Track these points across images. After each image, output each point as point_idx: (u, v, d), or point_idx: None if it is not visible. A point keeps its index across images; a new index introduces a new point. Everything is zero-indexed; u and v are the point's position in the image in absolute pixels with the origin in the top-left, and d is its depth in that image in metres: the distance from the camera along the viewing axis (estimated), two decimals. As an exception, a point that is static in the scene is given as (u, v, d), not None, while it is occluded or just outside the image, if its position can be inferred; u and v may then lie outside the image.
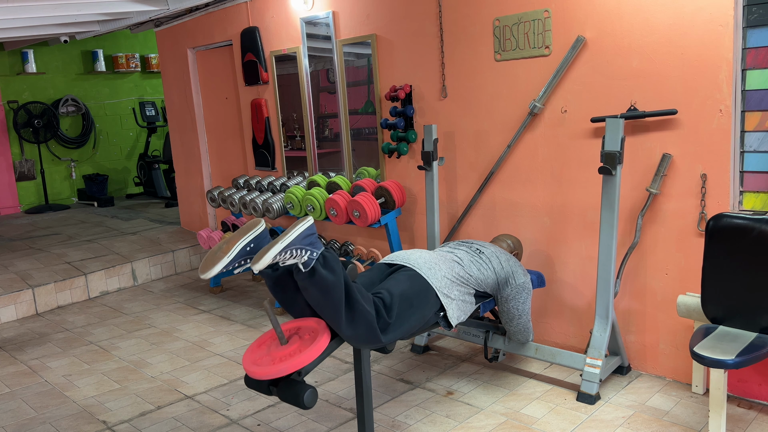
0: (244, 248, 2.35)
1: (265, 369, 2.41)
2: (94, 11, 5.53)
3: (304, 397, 2.37)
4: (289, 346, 2.48)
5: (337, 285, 2.39)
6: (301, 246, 2.32)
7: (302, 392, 2.38)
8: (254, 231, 2.39)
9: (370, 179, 4.62)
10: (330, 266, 2.39)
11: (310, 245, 2.35)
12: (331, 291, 2.39)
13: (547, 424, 3.08)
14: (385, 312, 2.60)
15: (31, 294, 5.33)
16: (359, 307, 2.46)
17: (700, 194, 3.17)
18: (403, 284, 2.76)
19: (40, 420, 3.46)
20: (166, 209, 8.23)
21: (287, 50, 5.21)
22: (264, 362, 2.45)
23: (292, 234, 2.31)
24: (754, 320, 2.74)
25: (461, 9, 3.95)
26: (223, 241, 2.38)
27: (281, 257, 2.28)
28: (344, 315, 2.44)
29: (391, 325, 2.61)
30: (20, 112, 8.46)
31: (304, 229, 2.34)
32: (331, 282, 2.38)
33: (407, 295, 2.72)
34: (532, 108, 3.68)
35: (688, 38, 3.09)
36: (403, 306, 2.67)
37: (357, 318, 2.47)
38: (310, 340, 2.48)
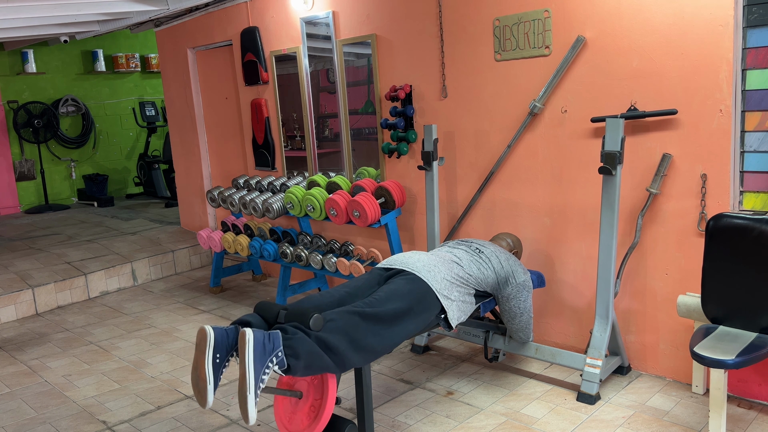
0: (214, 363, 2.31)
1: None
2: (94, 11, 5.53)
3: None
4: (307, 397, 2.58)
5: (315, 357, 2.37)
6: (264, 364, 2.27)
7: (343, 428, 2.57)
8: (208, 344, 2.32)
9: (370, 179, 4.62)
10: (299, 352, 2.33)
11: (270, 352, 2.29)
12: (313, 364, 2.38)
13: (547, 424, 3.08)
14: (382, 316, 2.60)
15: (31, 294, 5.33)
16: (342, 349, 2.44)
17: (700, 194, 3.17)
18: (402, 289, 2.75)
19: (40, 420, 3.46)
20: (166, 209, 8.23)
21: (287, 50, 5.21)
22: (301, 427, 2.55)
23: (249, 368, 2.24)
24: (755, 320, 2.74)
25: (461, 9, 3.95)
26: (194, 371, 2.33)
27: (259, 391, 2.25)
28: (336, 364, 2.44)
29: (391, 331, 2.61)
30: (20, 112, 8.46)
31: (252, 350, 2.25)
32: (309, 360, 2.36)
33: (407, 300, 2.71)
34: (532, 108, 3.68)
35: (688, 38, 3.09)
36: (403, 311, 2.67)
37: (344, 359, 2.46)
38: (319, 384, 2.56)
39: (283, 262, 4.92)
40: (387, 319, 2.61)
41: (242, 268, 5.84)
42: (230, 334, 2.38)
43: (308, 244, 4.84)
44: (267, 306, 2.57)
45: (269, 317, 2.54)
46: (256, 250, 5.07)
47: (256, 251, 5.08)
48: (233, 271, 5.75)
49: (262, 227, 5.18)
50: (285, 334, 2.36)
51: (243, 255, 5.25)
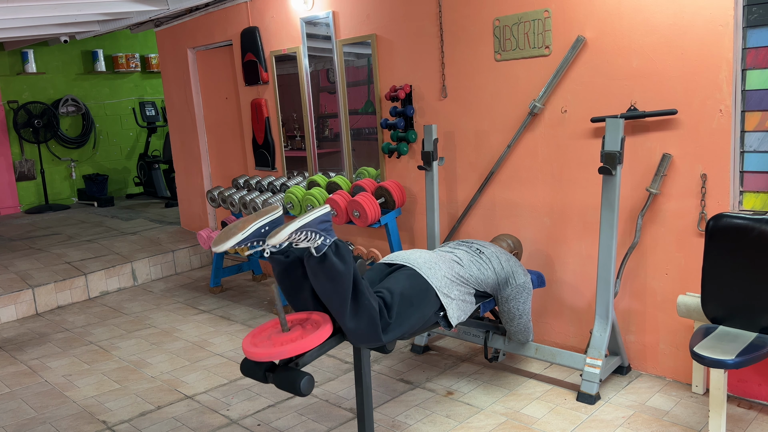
0: (258, 229, 2.39)
1: (263, 350, 2.41)
2: (94, 11, 5.53)
3: (301, 384, 2.37)
4: (290, 334, 2.50)
5: (345, 274, 2.42)
6: (316, 230, 2.35)
7: (299, 378, 2.38)
8: (271, 215, 2.44)
9: (370, 179, 4.62)
10: (341, 255, 2.41)
11: (325, 231, 2.38)
12: (339, 280, 2.41)
13: (547, 424, 3.08)
14: (386, 311, 2.61)
15: (31, 294, 5.33)
16: (365, 301, 2.48)
17: (700, 194, 3.17)
18: (403, 283, 2.76)
19: (40, 420, 3.46)
20: (166, 209, 8.23)
21: (287, 50, 5.21)
22: (263, 345, 2.46)
23: (309, 216, 2.34)
24: (754, 320, 2.74)
25: (461, 9, 3.95)
26: (240, 221, 2.41)
27: (296, 237, 2.31)
28: (349, 306, 2.46)
29: (391, 325, 2.61)
30: (20, 112, 8.46)
31: (320, 214, 2.38)
32: (340, 270, 2.40)
33: (407, 294, 2.72)
34: (532, 108, 3.68)
35: (688, 38, 3.09)
36: (403, 305, 2.67)
37: (361, 311, 2.48)
38: (311, 330, 2.50)
39: (283, 262, 4.92)
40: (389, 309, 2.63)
41: (242, 268, 5.84)
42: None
43: (308, 244, 4.84)
44: None
45: None
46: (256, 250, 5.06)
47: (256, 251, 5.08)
48: (233, 271, 5.75)
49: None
50: (339, 240, 2.45)
51: (243, 255, 5.25)
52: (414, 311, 2.73)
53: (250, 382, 3.75)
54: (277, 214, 2.45)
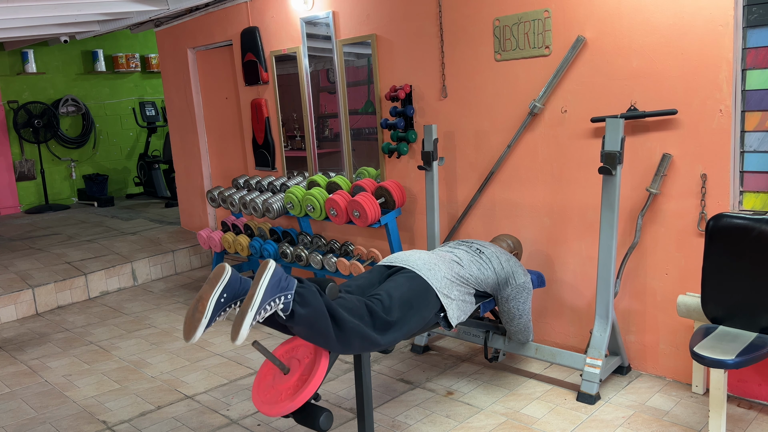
0: (218, 302, 2.28)
1: (279, 408, 2.46)
2: (94, 11, 5.53)
3: (320, 422, 2.44)
4: (292, 375, 2.53)
5: (319, 316, 2.37)
6: (272, 296, 2.27)
7: (318, 417, 2.46)
8: (222, 280, 2.30)
9: (370, 179, 4.62)
10: (307, 303, 2.34)
11: (282, 290, 2.29)
12: (315, 324, 2.37)
13: (547, 424, 3.08)
14: (383, 312, 2.60)
15: (31, 294, 5.33)
16: (348, 325, 2.45)
17: (700, 194, 3.17)
18: (402, 286, 2.76)
19: (40, 420, 3.46)
20: (166, 209, 8.23)
21: (287, 50, 5.21)
22: (275, 400, 2.49)
23: (259, 291, 2.24)
24: (755, 320, 2.74)
25: (461, 9, 3.95)
26: (196, 301, 2.30)
27: (259, 317, 2.24)
28: (335, 338, 2.43)
29: (392, 327, 2.61)
30: (20, 112, 8.46)
31: (269, 279, 2.27)
32: (312, 317, 2.35)
33: (407, 296, 2.72)
34: (532, 108, 3.68)
35: (688, 38, 3.09)
36: (403, 308, 2.67)
37: (349, 336, 2.46)
38: (310, 364, 2.52)
39: (283, 262, 4.92)
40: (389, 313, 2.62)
41: (242, 268, 5.83)
42: (243, 283, 2.35)
43: (308, 244, 4.84)
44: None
45: None
46: (256, 250, 5.07)
47: (256, 251, 5.08)
48: (233, 271, 5.74)
49: (262, 227, 5.18)
50: (300, 284, 2.38)
51: (243, 255, 5.25)
52: (414, 314, 2.73)
53: (249, 382, 3.75)
54: (227, 277, 2.31)
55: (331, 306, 2.42)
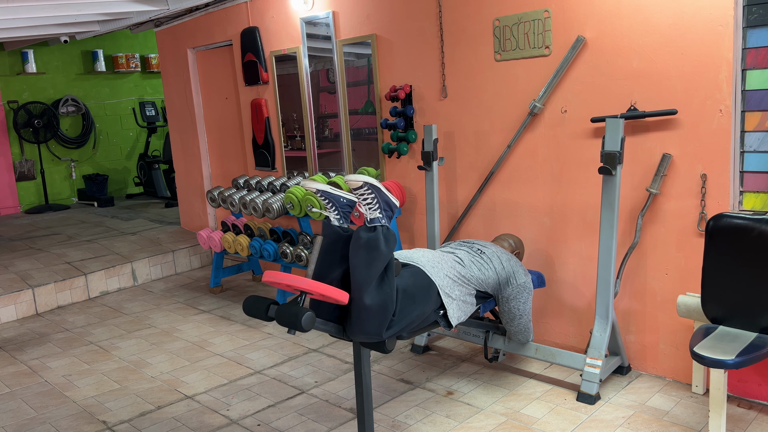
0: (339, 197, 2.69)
1: (275, 277, 2.49)
2: (94, 11, 5.53)
3: (303, 319, 2.38)
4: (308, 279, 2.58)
5: (383, 255, 2.52)
6: (380, 204, 2.59)
7: (300, 314, 2.40)
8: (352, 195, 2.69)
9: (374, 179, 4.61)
10: (388, 238, 2.55)
11: (386, 213, 2.60)
12: (375, 256, 2.51)
13: (547, 424, 3.08)
14: None
15: (31, 294, 5.33)
16: (387, 287, 2.56)
17: (700, 194, 3.17)
18: (406, 280, 2.77)
19: (40, 420, 3.46)
20: (166, 209, 8.23)
21: (287, 50, 5.21)
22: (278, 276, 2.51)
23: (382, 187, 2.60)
24: (754, 320, 2.74)
25: (461, 9, 3.95)
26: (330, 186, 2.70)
27: (365, 192, 2.56)
28: (374, 284, 2.52)
29: (393, 320, 2.61)
30: (20, 112, 8.46)
31: (392, 198, 2.63)
32: (381, 248, 2.52)
33: (410, 291, 2.73)
34: (532, 108, 3.68)
35: (688, 38, 3.09)
36: (405, 301, 2.68)
37: (381, 292, 2.54)
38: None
39: (283, 262, 4.92)
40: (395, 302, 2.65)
41: (242, 268, 5.84)
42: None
43: (308, 244, 4.84)
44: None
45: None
46: (256, 250, 5.07)
47: (256, 251, 5.08)
48: (233, 271, 5.75)
49: (262, 227, 5.18)
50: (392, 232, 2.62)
51: (243, 255, 5.25)
52: (415, 308, 2.73)
53: (250, 382, 3.75)
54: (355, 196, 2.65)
55: (392, 264, 2.58)
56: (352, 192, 2.65)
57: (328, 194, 2.69)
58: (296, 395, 3.55)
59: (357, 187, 2.59)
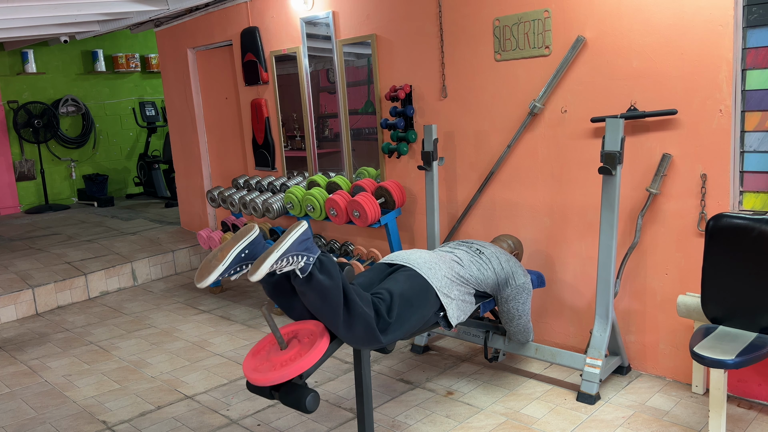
0: (238, 255, 2.34)
1: (266, 375, 2.40)
2: (94, 11, 5.53)
3: (306, 402, 2.37)
4: (288, 351, 2.48)
5: (334, 289, 2.39)
6: (297, 252, 2.32)
7: (304, 397, 2.38)
8: (248, 237, 2.37)
9: (370, 179, 4.62)
10: (327, 270, 2.39)
11: (306, 250, 2.35)
12: (328, 295, 2.39)
13: (547, 424, 3.08)
14: (386, 312, 2.61)
15: (31, 294, 5.33)
16: (357, 310, 2.46)
17: (700, 194, 3.17)
18: (403, 284, 2.76)
19: (40, 420, 3.46)
20: (166, 209, 8.23)
21: (287, 50, 5.21)
22: (264, 368, 2.44)
23: (287, 241, 2.31)
24: (754, 320, 2.74)
25: (461, 9, 3.95)
26: (217, 249, 2.36)
27: (278, 265, 2.29)
28: (342, 318, 2.44)
29: (391, 326, 2.61)
30: (20, 112, 8.46)
31: (299, 234, 2.34)
32: (328, 286, 2.38)
33: (407, 295, 2.72)
34: (532, 108, 3.68)
35: (688, 38, 3.09)
36: (403, 306, 2.67)
37: (355, 320, 2.47)
38: (309, 344, 2.48)
39: (283, 262, 4.91)
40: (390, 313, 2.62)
41: (242, 268, 5.83)
42: (266, 247, 2.41)
43: (308, 244, 4.84)
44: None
45: None
46: (256, 250, 5.06)
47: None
48: (233, 271, 5.74)
49: (262, 227, 5.18)
50: (323, 254, 2.43)
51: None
52: (414, 312, 2.73)
53: (250, 382, 3.75)
54: (254, 235, 2.38)
55: (346, 285, 2.44)
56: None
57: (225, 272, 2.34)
58: (296, 395, 3.55)
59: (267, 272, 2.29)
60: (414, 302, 2.74)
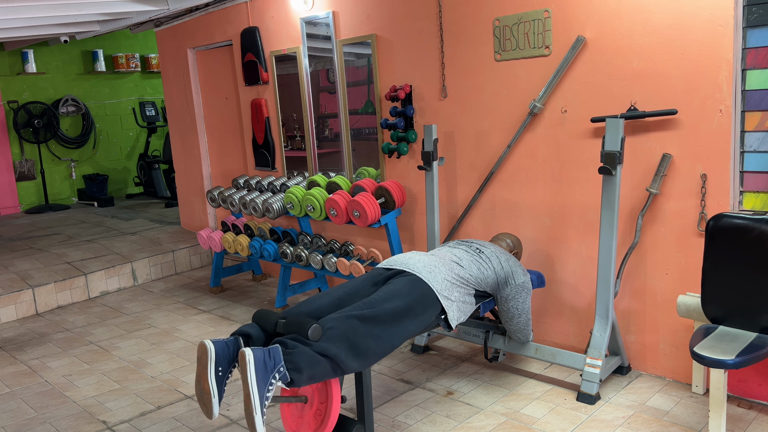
0: (217, 376, 2.36)
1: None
2: (94, 11, 5.53)
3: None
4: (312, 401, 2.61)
5: (318, 366, 2.38)
6: (266, 382, 2.29)
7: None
8: (209, 359, 2.35)
9: (370, 179, 4.62)
10: (300, 366, 2.33)
11: (271, 370, 2.30)
12: (317, 374, 2.40)
13: (547, 424, 3.08)
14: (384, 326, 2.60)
15: (31, 294, 5.33)
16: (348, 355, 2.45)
17: (700, 194, 3.17)
18: (402, 289, 2.75)
19: (40, 420, 3.46)
20: (166, 209, 8.23)
21: (287, 50, 5.21)
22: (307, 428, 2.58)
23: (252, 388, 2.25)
24: (754, 320, 2.74)
25: (461, 9, 3.95)
26: (197, 383, 2.39)
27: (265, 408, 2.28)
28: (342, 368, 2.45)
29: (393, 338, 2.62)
30: (20, 112, 8.46)
31: (253, 371, 2.26)
32: (312, 372, 2.38)
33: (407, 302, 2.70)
34: (532, 108, 3.68)
35: (688, 38, 3.09)
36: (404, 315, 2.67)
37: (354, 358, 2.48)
38: (323, 386, 2.58)
39: (283, 262, 4.92)
40: (387, 320, 2.61)
41: (242, 268, 5.84)
42: (230, 346, 2.42)
43: (308, 244, 4.84)
44: (265, 315, 2.58)
45: (268, 326, 2.55)
46: (256, 250, 5.07)
47: (256, 251, 5.08)
48: (233, 271, 5.75)
49: (262, 227, 5.18)
50: (285, 348, 2.36)
51: (243, 255, 5.25)
52: (414, 318, 2.73)
53: (250, 382, 3.75)
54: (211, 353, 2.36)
55: (322, 349, 2.39)
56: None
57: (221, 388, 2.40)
58: (296, 395, 3.55)
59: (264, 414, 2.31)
60: (415, 309, 2.73)
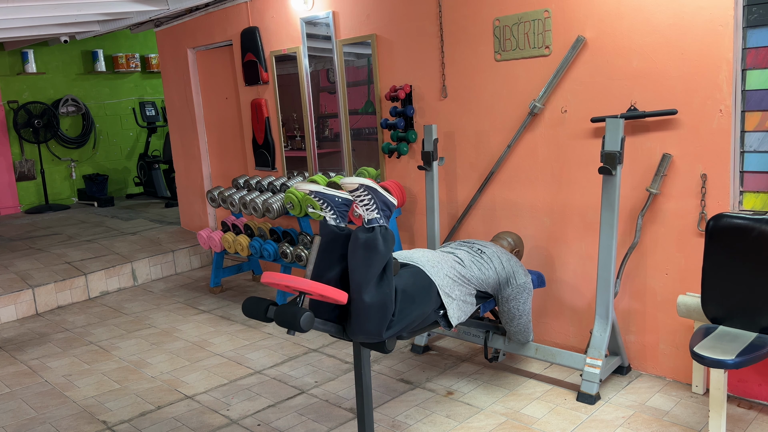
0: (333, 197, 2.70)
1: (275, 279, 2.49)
2: (94, 11, 5.53)
3: (301, 319, 2.39)
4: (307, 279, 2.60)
5: (382, 255, 2.52)
6: (378, 205, 2.58)
7: (300, 314, 2.40)
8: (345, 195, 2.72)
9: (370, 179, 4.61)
10: (386, 238, 2.55)
11: (384, 213, 2.60)
12: (374, 256, 2.51)
13: (547, 424, 3.08)
14: None
15: (31, 294, 5.33)
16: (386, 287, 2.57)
17: (700, 194, 3.17)
18: (405, 280, 2.77)
19: (40, 420, 3.46)
20: (166, 209, 8.23)
21: (287, 50, 5.21)
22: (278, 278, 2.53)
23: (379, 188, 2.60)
24: (754, 320, 2.74)
25: (461, 9, 3.95)
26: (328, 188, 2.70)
27: (362, 194, 2.55)
28: (374, 283, 2.53)
29: (392, 321, 2.62)
30: (20, 112, 8.46)
31: (390, 197, 2.62)
32: (379, 248, 2.52)
33: (409, 291, 2.73)
34: (532, 108, 3.68)
35: (688, 38, 3.09)
36: (405, 301, 2.68)
37: (380, 291, 2.54)
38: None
39: (283, 262, 4.92)
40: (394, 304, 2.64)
41: (242, 268, 5.84)
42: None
43: (308, 244, 4.84)
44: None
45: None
46: (256, 250, 5.07)
47: (256, 251, 5.08)
48: (233, 271, 5.75)
49: (262, 227, 5.18)
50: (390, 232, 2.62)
51: (243, 255, 5.25)
52: (415, 308, 2.74)
53: (250, 382, 3.75)
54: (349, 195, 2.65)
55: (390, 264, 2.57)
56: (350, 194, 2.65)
57: (323, 195, 2.68)
58: (296, 395, 3.55)
59: (353, 189, 2.58)
60: (416, 298, 2.75)
